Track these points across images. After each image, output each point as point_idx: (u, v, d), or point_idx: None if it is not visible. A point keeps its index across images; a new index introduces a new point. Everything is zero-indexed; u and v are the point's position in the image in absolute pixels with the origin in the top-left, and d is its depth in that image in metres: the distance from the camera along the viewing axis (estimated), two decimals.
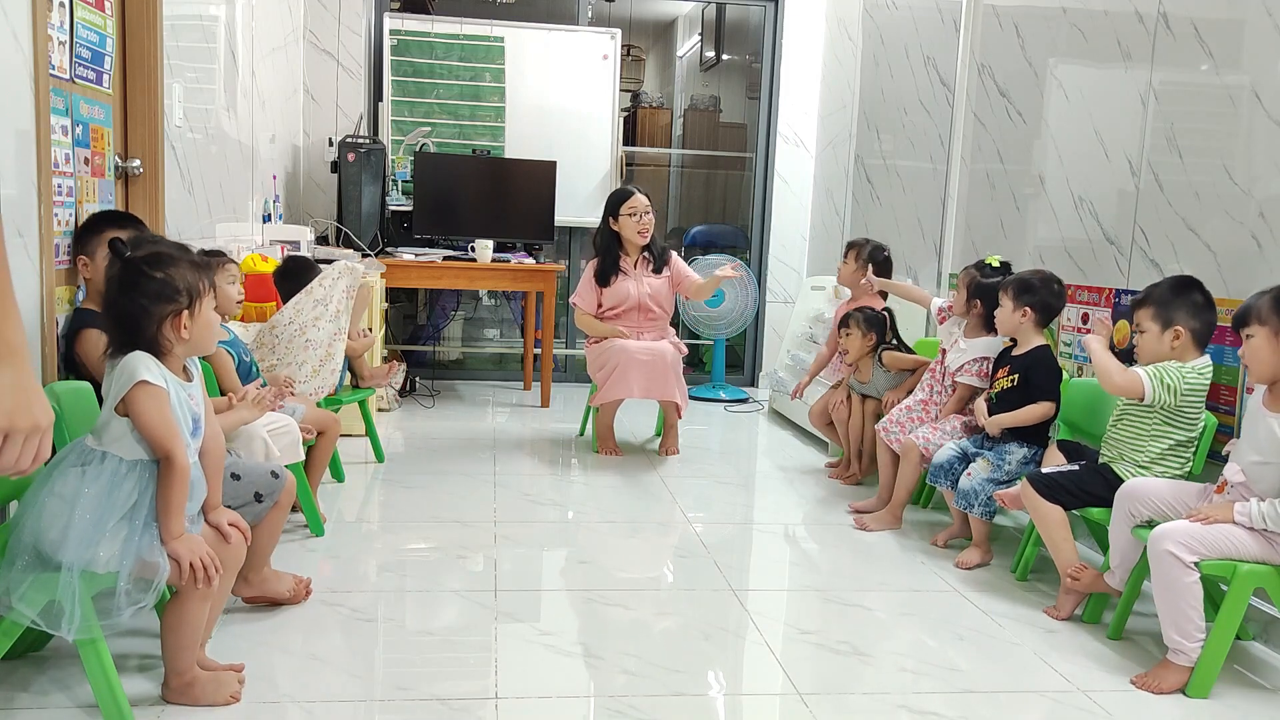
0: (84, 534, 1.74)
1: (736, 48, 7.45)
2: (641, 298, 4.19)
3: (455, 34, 5.59)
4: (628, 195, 4.22)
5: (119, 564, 1.76)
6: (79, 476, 1.78)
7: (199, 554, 1.83)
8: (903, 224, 4.89)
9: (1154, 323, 2.56)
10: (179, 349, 1.88)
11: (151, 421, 1.79)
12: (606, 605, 2.60)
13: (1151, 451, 2.58)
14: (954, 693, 2.18)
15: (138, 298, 1.82)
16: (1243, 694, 2.24)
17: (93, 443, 1.82)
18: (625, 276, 4.21)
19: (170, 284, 1.84)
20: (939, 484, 3.15)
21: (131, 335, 1.83)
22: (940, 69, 4.52)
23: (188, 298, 1.86)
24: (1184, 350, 2.54)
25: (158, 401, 1.80)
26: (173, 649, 1.90)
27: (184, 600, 1.86)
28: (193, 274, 1.88)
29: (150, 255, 1.85)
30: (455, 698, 2.04)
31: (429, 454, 4.13)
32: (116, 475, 1.79)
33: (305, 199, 5.49)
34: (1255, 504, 2.19)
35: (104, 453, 1.80)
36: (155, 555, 1.80)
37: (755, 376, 6.30)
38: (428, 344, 6.21)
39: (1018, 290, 3.06)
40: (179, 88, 3.22)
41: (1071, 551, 2.62)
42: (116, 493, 1.78)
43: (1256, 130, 2.71)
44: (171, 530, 1.82)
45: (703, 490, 3.79)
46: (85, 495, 1.76)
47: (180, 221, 3.24)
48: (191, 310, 1.87)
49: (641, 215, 4.18)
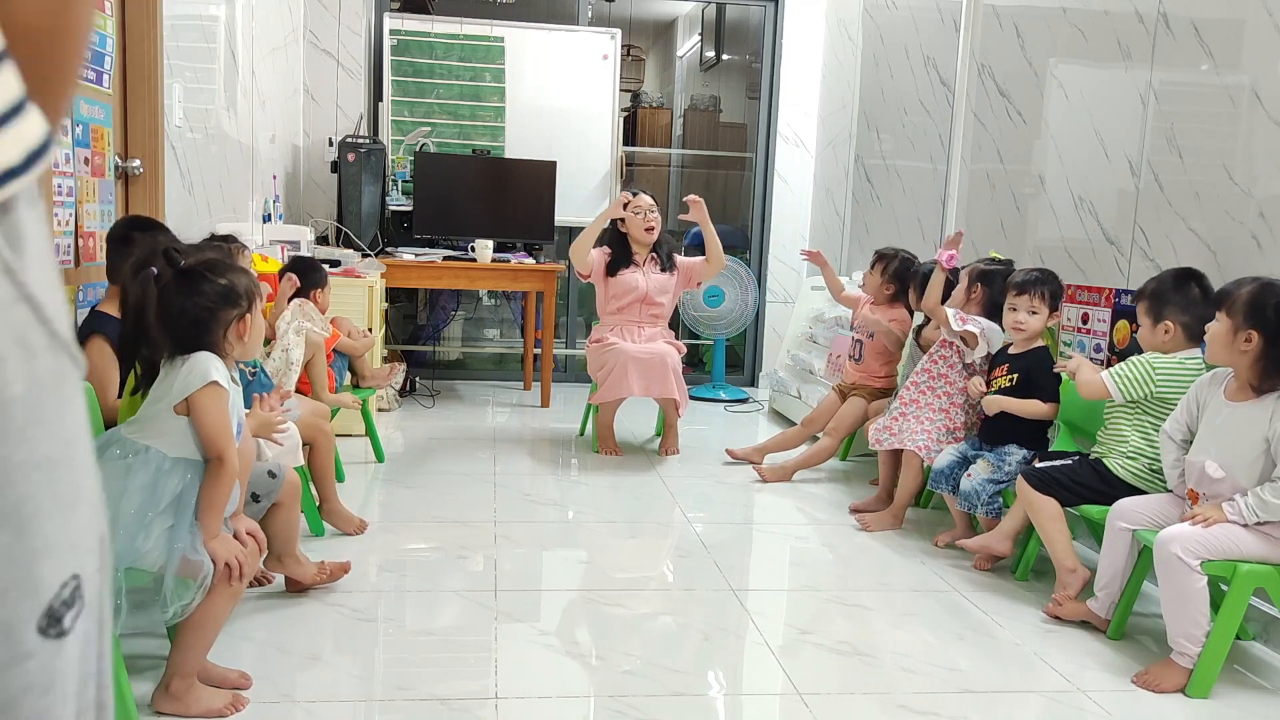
0: (128, 527, 1.76)
1: (736, 48, 7.45)
2: (648, 290, 4.22)
3: (455, 34, 5.58)
4: (632, 195, 4.27)
5: (163, 560, 1.78)
6: (125, 471, 1.80)
7: (234, 553, 1.87)
8: (903, 224, 4.89)
9: (1147, 317, 2.61)
10: (236, 351, 1.93)
11: (215, 422, 1.83)
12: (606, 605, 2.60)
13: (1136, 442, 2.61)
14: (954, 693, 2.18)
15: (203, 301, 1.86)
16: (1243, 694, 2.24)
17: (132, 433, 1.84)
18: (634, 269, 4.24)
19: (234, 289, 1.90)
20: (940, 489, 3.15)
21: (197, 337, 1.87)
22: (940, 69, 4.52)
23: (248, 301, 1.92)
24: (1175, 343, 2.56)
25: (223, 403, 1.84)
26: (189, 648, 1.90)
27: (213, 598, 1.88)
28: (248, 279, 1.94)
29: (209, 263, 1.90)
30: (455, 698, 2.04)
31: (429, 454, 4.13)
32: (161, 470, 1.82)
33: (305, 199, 5.49)
34: (1240, 500, 2.20)
35: (148, 446, 1.83)
36: (199, 554, 1.82)
37: (755, 376, 6.30)
38: (428, 344, 6.21)
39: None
40: (179, 88, 3.22)
41: (1067, 545, 2.63)
42: (162, 488, 1.81)
43: (1256, 130, 2.71)
44: (210, 529, 1.85)
45: (703, 490, 3.79)
46: (131, 488, 1.79)
47: (180, 221, 3.24)
48: (251, 313, 1.93)
49: (646, 213, 4.21)
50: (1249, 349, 2.17)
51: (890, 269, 3.87)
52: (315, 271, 3.44)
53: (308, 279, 3.39)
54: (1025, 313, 3.00)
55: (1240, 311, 2.18)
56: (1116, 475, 2.60)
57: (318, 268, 3.49)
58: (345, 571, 2.59)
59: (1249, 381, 2.21)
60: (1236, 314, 2.18)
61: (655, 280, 4.25)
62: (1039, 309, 2.99)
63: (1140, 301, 2.63)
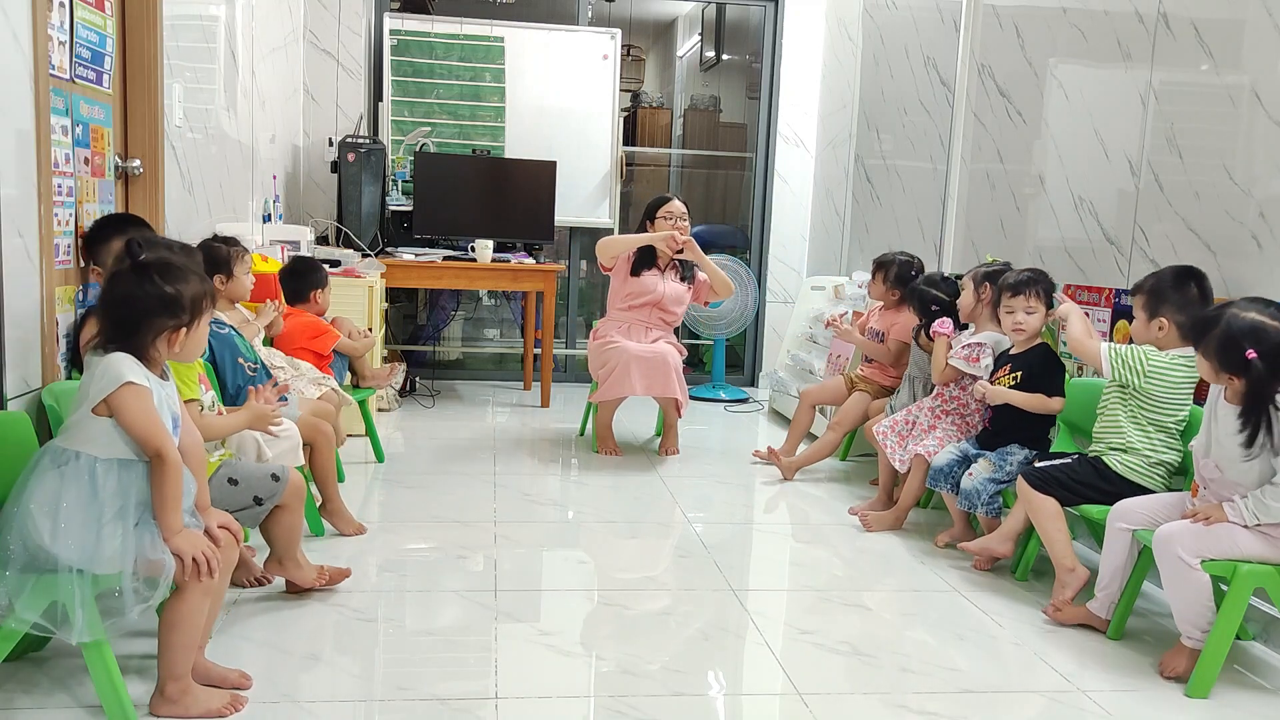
0: (75, 535, 1.75)
1: (736, 48, 7.45)
2: (663, 296, 4.23)
3: (455, 34, 5.58)
4: (664, 200, 4.30)
5: (122, 564, 1.76)
6: (58, 479, 1.78)
7: (200, 548, 1.84)
8: (903, 224, 4.89)
9: (1142, 311, 2.63)
10: (165, 358, 1.90)
11: (139, 421, 1.79)
12: (606, 605, 2.60)
13: (1130, 436, 2.61)
14: (954, 693, 2.18)
15: (143, 305, 1.82)
16: (1243, 694, 2.24)
17: (64, 443, 1.81)
18: (656, 273, 4.25)
19: (178, 300, 1.85)
20: (939, 488, 3.15)
21: (125, 337, 1.83)
22: (940, 69, 4.52)
23: (189, 315, 1.87)
24: (1168, 341, 2.57)
25: (144, 401, 1.80)
26: (173, 649, 1.89)
27: (185, 596, 1.86)
28: (200, 288, 1.89)
29: (164, 265, 1.85)
30: (455, 698, 2.04)
31: (429, 454, 4.13)
32: (94, 475, 1.79)
33: (305, 199, 5.49)
34: (1240, 502, 2.21)
35: (78, 452, 1.79)
36: (159, 553, 1.80)
37: (755, 376, 6.30)
38: (428, 344, 6.21)
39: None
40: (179, 88, 3.22)
41: (1067, 545, 2.63)
42: (101, 492, 1.78)
43: (1256, 130, 2.71)
44: (171, 526, 1.82)
45: (703, 490, 3.79)
46: (67, 496, 1.76)
47: (180, 221, 3.24)
48: (190, 327, 1.88)
49: (677, 220, 4.24)
50: (1235, 384, 2.19)
51: (891, 275, 3.94)
52: (315, 271, 3.45)
53: (308, 279, 3.39)
54: (1023, 313, 3.02)
55: (1215, 357, 2.19)
56: (1115, 472, 2.60)
57: (318, 268, 3.50)
58: (345, 577, 2.59)
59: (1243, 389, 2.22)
60: (1212, 358, 2.19)
61: (672, 289, 4.27)
62: (1036, 307, 3.02)
63: (1138, 296, 2.64)
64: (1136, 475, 2.59)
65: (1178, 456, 2.60)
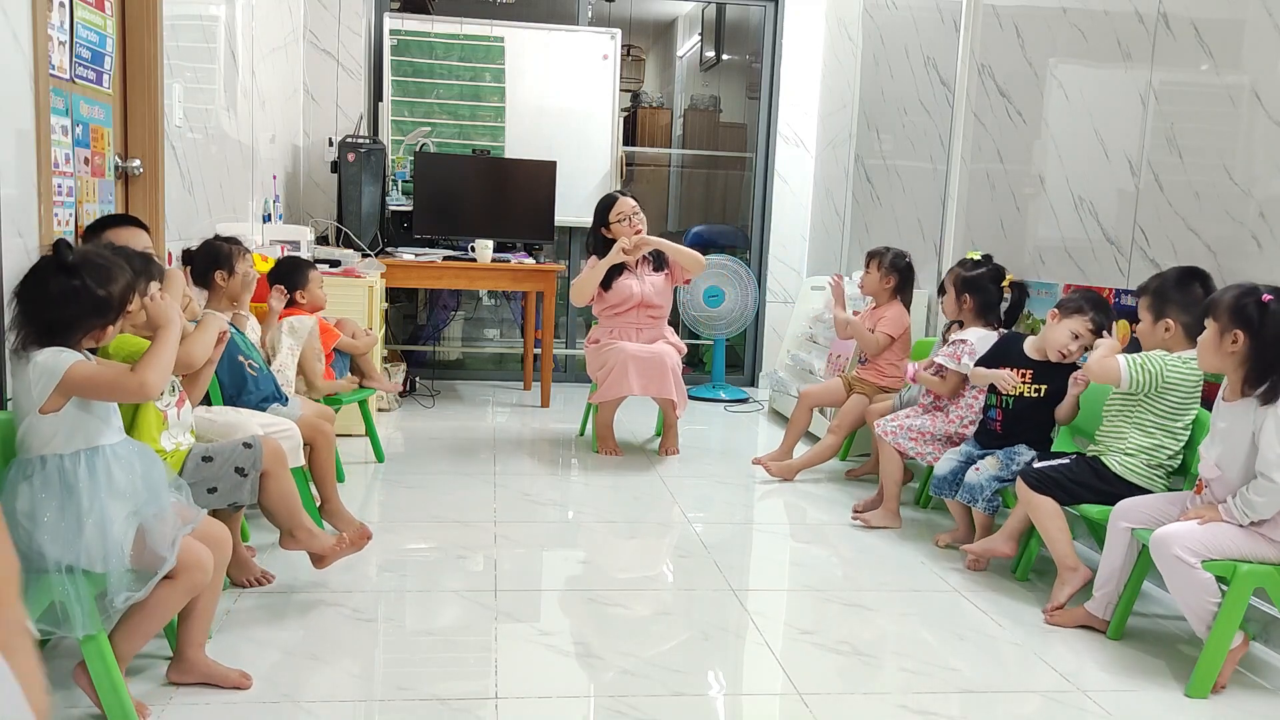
0: (60, 533, 1.76)
1: (736, 48, 7.45)
2: (644, 295, 4.20)
3: (455, 34, 5.58)
4: (612, 201, 4.19)
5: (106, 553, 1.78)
6: (29, 489, 1.78)
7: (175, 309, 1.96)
8: (903, 224, 4.89)
9: (1148, 313, 2.62)
10: (86, 349, 1.90)
11: (100, 380, 1.82)
12: (606, 605, 2.60)
13: (1135, 439, 2.61)
14: (954, 693, 2.18)
15: (73, 306, 1.81)
16: (1243, 694, 2.25)
17: (25, 454, 1.82)
18: (628, 274, 4.21)
19: (108, 302, 1.84)
20: (941, 494, 3.14)
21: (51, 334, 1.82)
22: (940, 69, 4.52)
23: (115, 315, 1.87)
24: (1175, 342, 2.56)
25: (91, 365, 1.82)
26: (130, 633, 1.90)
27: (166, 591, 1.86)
28: (128, 288, 1.88)
29: (95, 267, 1.83)
30: (455, 698, 2.04)
31: (429, 454, 4.13)
32: (64, 471, 1.80)
33: (305, 199, 5.49)
34: (1231, 501, 2.22)
35: (42, 457, 1.80)
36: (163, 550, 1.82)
37: (755, 376, 6.30)
38: (428, 344, 6.21)
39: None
40: (179, 88, 3.22)
41: (1068, 544, 2.63)
42: (77, 486, 1.79)
43: (1256, 130, 2.71)
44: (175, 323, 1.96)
45: (703, 490, 3.79)
46: (44, 502, 1.77)
47: (180, 222, 3.25)
48: (115, 324, 1.89)
49: (630, 217, 4.14)
50: (1236, 349, 2.20)
51: (885, 262, 3.92)
52: (295, 273, 3.43)
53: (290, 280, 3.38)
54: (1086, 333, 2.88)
55: (1225, 313, 2.21)
56: (1114, 473, 2.60)
57: (299, 267, 3.48)
58: (367, 538, 2.52)
59: (1239, 382, 2.23)
60: (1221, 316, 2.22)
61: (651, 283, 4.22)
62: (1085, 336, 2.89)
63: (1142, 297, 2.64)
64: (1135, 476, 2.59)
65: (1178, 459, 2.60)
